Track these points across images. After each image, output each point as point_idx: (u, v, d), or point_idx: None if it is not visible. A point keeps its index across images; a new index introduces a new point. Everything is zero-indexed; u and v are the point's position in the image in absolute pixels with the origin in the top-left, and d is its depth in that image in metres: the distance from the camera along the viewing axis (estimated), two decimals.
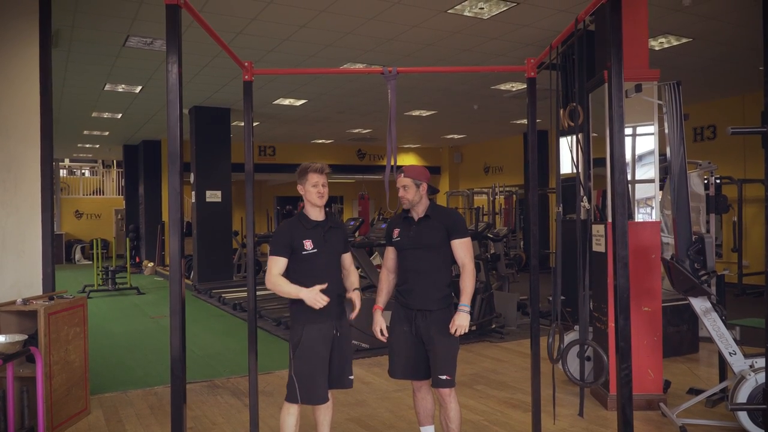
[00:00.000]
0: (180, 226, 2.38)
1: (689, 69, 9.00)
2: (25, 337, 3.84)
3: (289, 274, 3.18)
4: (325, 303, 3.04)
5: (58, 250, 19.19)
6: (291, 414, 3.16)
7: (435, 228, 3.23)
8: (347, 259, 3.34)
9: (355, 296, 3.28)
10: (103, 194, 22.87)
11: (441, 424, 3.30)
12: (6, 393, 3.64)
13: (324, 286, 3.08)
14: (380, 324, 3.33)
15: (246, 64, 3.64)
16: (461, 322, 3.14)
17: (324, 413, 3.30)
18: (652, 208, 4.56)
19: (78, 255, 20.08)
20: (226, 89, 10.52)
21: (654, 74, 4.49)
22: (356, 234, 8.76)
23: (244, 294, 10.08)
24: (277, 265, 3.15)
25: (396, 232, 3.35)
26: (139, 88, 10.15)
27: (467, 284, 3.22)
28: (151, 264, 16.09)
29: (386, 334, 3.32)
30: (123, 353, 6.64)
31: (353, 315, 3.28)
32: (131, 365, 6.09)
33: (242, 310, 9.07)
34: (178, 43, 2.33)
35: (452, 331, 3.14)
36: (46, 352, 3.91)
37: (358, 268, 8.85)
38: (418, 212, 3.30)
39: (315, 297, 3.03)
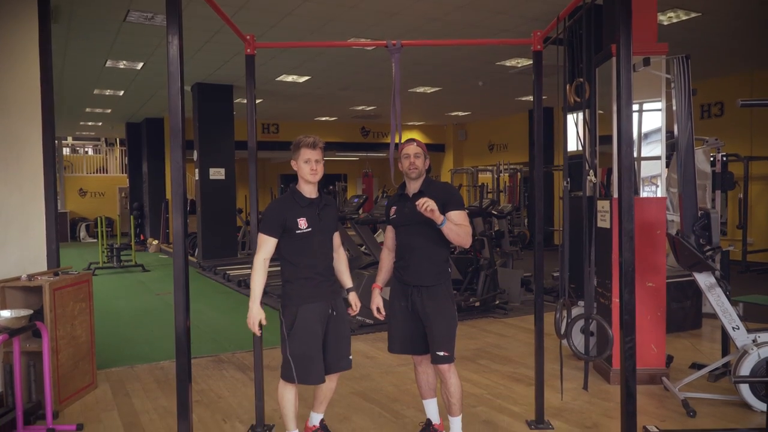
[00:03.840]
0: (183, 199, 2.37)
1: (697, 45, 8.88)
2: (31, 311, 3.87)
3: (282, 252, 3.10)
4: (256, 332, 3.06)
5: (63, 228, 19.27)
6: (290, 390, 3.13)
7: None
8: (336, 238, 3.26)
9: (354, 298, 3.26)
10: (107, 172, 22.89)
11: (443, 398, 3.33)
12: (13, 367, 3.67)
13: (259, 327, 3.06)
14: (377, 302, 3.34)
15: (248, 36, 3.61)
16: (433, 206, 2.98)
17: (325, 391, 3.27)
18: (657, 186, 4.53)
19: (83, 233, 20.17)
20: (229, 66, 10.44)
21: (662, 48, 4.42)
22: (360, 211, 8.76)
23: (249, 271, 10.11)
24: (265, 246, 3.05)
25: (393, 209, 3.34)
26: (141, 64, 10.08)
27: (459, 227, 3.10)
28: (155, 242, 16.15)
29: (383, 313, 3.33)
30: (129, 329, 6.69)
31: (352, 314, 3.29)
32: (137, 340, 6.14)
33: (246, 286, 9.09)
34: (178, 15, 2.30)
35: (421, 203, 3.00)
36: (52, 326, 3.94)
37: (361, 246, 8.87)
38: (414, 188, 3.26)
39: (252, 323, 3.02)
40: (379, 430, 3.69)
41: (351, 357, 3.26)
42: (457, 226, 3.10)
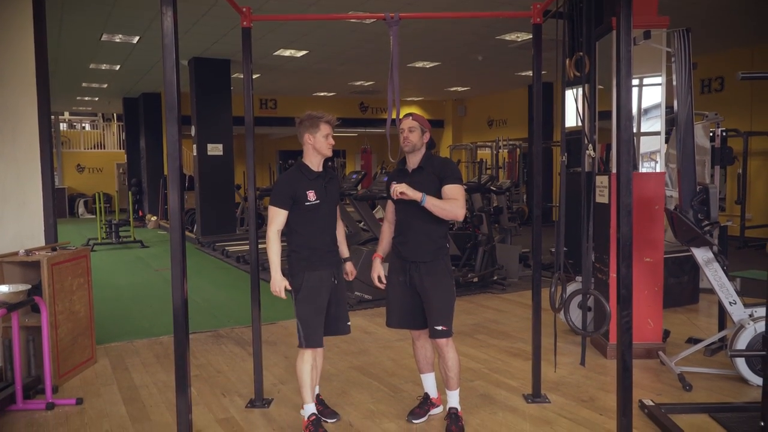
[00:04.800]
0: (179, 174, 2.36)
1: (698, 18, 8.77)
2: (29, 286, 3.88)
3: (291, 224, 3.20)
4: (282, 296, 3.18)
5: (61, 204, 19.23)
6: (306, 361, 3.21)
7: (428, 179, 3.19)
8: (337, 210, 3.41)
9: (350, 267, 3.44)
10: (104, 148, 22.78)
11: (440, 372, 3.35)
12: (12, 342, 3.69)
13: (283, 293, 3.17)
14: (378, 271, 3.37)
15: (244, 9, 3.55)
16: (404, 188, 3.08)
17: (318, 360, 3.38)
18: (656, 162, 4.51)
19: (81, 209, 20.14)
20: (226, 40, 10.32)
21: (663, 21, 4.36)
22: (358, 187, 8.72)
23: (247, 247, 10.13)
24: (277, 218, 3.16)
25: (393, 185, 3.34)
26: (137, 38, 9.96)
27: (446, 201, 3.13)
28: (154, 218, 16.14)
29: (384, 282, 3.36)
30: (128, 305, 6.72)
31: (349, 279, 3.45)
32: (136, 316, 6.16)
33: (245, 262, 9.13)
34: None
35: (392, 189, 3.13)
36: (50, 301, 3.94)
37: (359, 222, 8.87)
38: (413, 164, 3.27)
39: (278, 289, 3.14)
40: (377, 404, 3.72)
41: (350, 323, 3.39)
42: (443, 201, 3.12)
